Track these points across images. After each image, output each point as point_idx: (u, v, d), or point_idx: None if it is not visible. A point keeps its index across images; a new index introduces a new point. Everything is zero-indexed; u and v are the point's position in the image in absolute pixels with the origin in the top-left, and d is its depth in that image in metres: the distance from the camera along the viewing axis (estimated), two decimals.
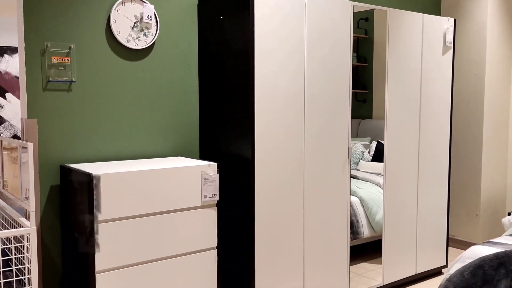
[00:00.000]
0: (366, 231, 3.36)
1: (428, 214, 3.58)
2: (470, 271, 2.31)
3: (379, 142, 3.75)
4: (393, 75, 3.28)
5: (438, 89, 3.59)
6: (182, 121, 2.93)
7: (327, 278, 2.98)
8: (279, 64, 2.67)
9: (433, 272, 3.69)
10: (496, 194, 4.43)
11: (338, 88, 2.97)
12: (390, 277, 3.36)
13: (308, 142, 2.84)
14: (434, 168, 3.61)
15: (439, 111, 3.62)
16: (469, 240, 4.35)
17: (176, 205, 2.38)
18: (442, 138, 3.66)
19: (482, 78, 4.24)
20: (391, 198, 3.33)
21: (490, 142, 4.34)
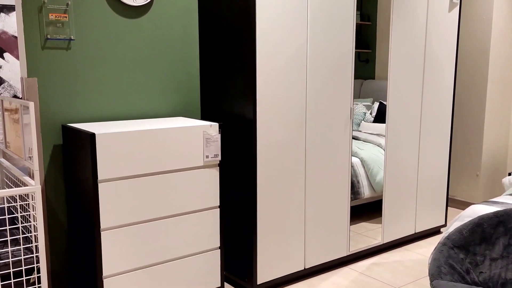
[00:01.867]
0: (367, 192, 3.39)
1: (428, 175, 3.60)
2: (469, 229, 2.34)
3: (382, 103, 3.73)
4: (398, 34, 3.22)
5: (443, 47, 3.53)
6: (183, 81, 2.90)
7: (327, 238, 3.03)
8: (281, 23, 2.61)
9: (432, 231, 3.75)
10: (497, 154, 4.44)
11: (341, 47, 2.92)
12: (390, 236, 3.41)
13: (310, 102, 2.82)
14: (436, 129, 3.61)
15: (443, 70, 3.57)
16: (469, 201, 4.40)
17: (178, 165, 2.39)
18: (445, 98, 3.63)
19: (488, 35, 4.16)
20: (392, 159, 3.34)
21: (494, 102, 4.31)
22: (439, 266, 2.22)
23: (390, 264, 3.21)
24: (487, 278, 2.24)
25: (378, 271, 3.09)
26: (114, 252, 2.25)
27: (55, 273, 2.57)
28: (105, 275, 2.24)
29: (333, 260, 3.09)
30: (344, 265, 3.18)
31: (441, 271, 2.19)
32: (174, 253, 2.45)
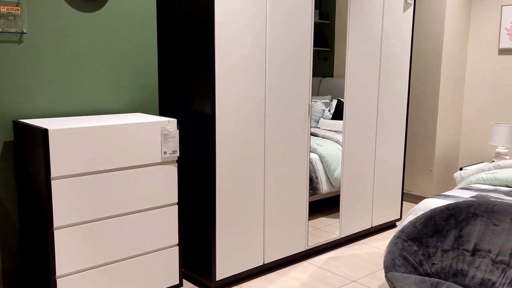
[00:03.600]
0: (325, 187, 3.44)
1: (384, 170, 3.70)
2: (422, 222, 2.41)
3: (340, 100, 3.79)
4: (355, 33, 3.29)
5: (398, 46, 3.63)
6: (141, 76, 2.86)
7: (286, 233, 3.06)
8: (239, 20, 2.61)
9: (388, 225, 3.86)
10: (449, 150, 4.61)
11: (300, 45, 2.95)
12: (347, 231, 3.48)
13: (269, 99, 2.83)
14: (391, 126, 3.70)
15: (398, 68, 3.67)
16: (423, 195, 4.54)
17: (135, 161, 2.35)
18: (400, 95, 3.73)
19: (441, 35, 4.31)
20: (349, 155, 3.41)
21: (446, 100, 4.47)
22: (393, 259, 2.28)
23: (348, 258, 3.27)
24: (439, 269, 2.32)
25: (336, 265, 3.15)
26: (68, 251, 2.20)
27: (6, 272, 2.47)
28: (59, 274, 2.18)
29: (292, 255, 3.12)
30: (302, 260, 3.22)
31: (396, 263, 2.25)
32: (131, 251, 2.41)
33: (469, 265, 2.28)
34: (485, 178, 3.12)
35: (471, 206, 2.40)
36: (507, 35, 4.24)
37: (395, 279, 2.12)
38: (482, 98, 4.51)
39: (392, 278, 2.13)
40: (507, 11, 4.22)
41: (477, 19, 4.47)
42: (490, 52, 4.40)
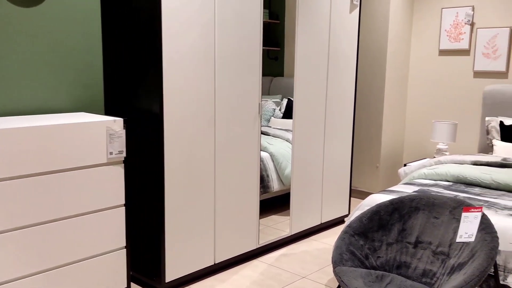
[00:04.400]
0: (276, 185, 3.46)
1: (333, 167, 3.78)
2: (368, 217, 2.48)
3: (290, 99, 3.83)
4: (303, 33, 3.33)
5: (345, 46, 3.72)
6: (84, 74, 2.77)
7: (237, 232, 3.07)
8: (188, 18, 2.58)
9: (337, 221, 3.94)
10: (394, 147, 4.77)
11: (249, 44, 2.96)
12: (298, 227, 3.53)
13: (219, 98, 2.82)
14: (339, 123, 3.79)
15: (346, 68, 3.76)
16: (370, 191, 4.68)
17: (80, 162, 2.28)
18: (348, 94, 3.82)
19: (385, 36, 4.45)
20: (299, 153, 3.45)
21: (391, 98, 4.62)
22: (341, 254, 2.33)
23: (298, 255, 3.32)
24: (384, 262, 2.39)
25: (287, 262, 3.19)
26: (7, 258, 2.09)
27: None
28: None
29: (243, 253, 3.13)
30: (254, 258, 3.23)
31: (343, 258, 2.30)
32: (76, 255, 2.33)
33: (412, 257, 2.36)
34: (426, 173, 3.25)
35: (413, 200, 2.49)
36: (447, 36, 4.44)
37: (342, 273, 2.17)
38: (424, 97, 4.69)
39: (339, 273, 2.18)
40: (446, 13, 4.42)
41: (419, 21, 4.65)
42: (431, 52, 4.59)
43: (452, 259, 2.19)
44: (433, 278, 2.21)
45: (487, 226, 2.12)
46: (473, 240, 2.12)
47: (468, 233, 2.17)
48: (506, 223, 2.34)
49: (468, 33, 4.30)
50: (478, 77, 4.31)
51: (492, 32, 4.15)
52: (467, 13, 4.27)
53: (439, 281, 2.17)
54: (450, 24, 4.40)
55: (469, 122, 4.41)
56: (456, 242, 2.22)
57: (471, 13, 4.25)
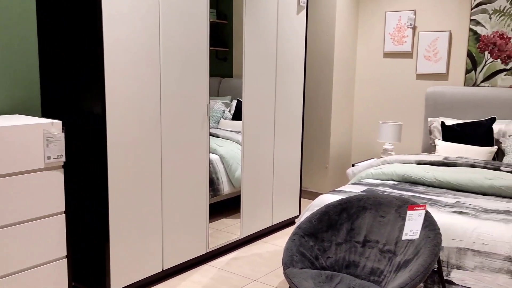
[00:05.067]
0: (226, 188, 3.42)
1: (283, 169, 3.78)
2: (317, 218, 2.49)
3: (239, 100, 3.80)
4: (251, 33, 3.31)
5: (293, 47, 3.73)
6: (19, 73, 2.61)
7: (186, 237, 3.00)
8: (131, 19, 2.50)
9: (288, 222, 3.95)
10: (343, 148, 4.85)
11: (196, 44, 2.90)
12: (248, 230, 3.50)
13: (165, 99, 2.75)
14: (289, 125, 3.80)
15: (294, 69, 3.78)
16: (319, 191, 4.73)
17: (14, 168, 2.14)
18: (296, 95, 3.84)
19: (332, 38, 4.52)
20: (249, 155, 3.43)
21: (339, 99, 4.69)
22: (291, 255, 2.32)
23: (249, 258, 3.29)
24: (334, 262, 2.41)
25: (237, 265, 3.15)
26: None
27: None
28: None
29: (192, 258, 3.06)
30: (204, 263, 3.17)
31: (293, 259, 2.29)
32: (13, 266, 2.18)
33: (360, 256, 2.39)
34: (373, 173, 3.31)
35: (361, 200, 2.52)
36: (391, 39, 4.56)
37: (292, 275, 2.16)
38: (370, 98, 4.80)
39: (290, 274, 2.17)
40: (390, 17, 4.55)
41: (364, 24, 4.76)
42: (376, 55, 4.71)
43: (398, 257, 2.23)
44: (381, 276, 2.24)
45: (431, 224, 2.18)
46: (418, 237, 2.17)
47: (413, 231, 2.22)
48: (448, 220, 2.41)
49: (410, 36, 4.44)
50: (421, 79, 4.45)
51: (433, 36, 4.31)
52: (409, 17, 4.41)
53: (386, 278, 2.20)
54: (394, 27, 4.53)
55: (413, 123, 4.56)
56: (402, 240, 2.26)
57: (413, 17, 4.39)
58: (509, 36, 3.92)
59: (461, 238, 2.31)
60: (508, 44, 3.94)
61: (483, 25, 4.04)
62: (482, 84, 4.10)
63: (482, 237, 2.27)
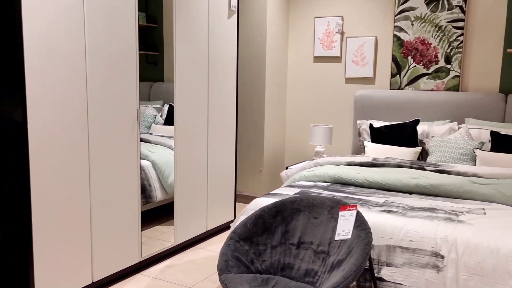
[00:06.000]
0: (159, 195, 3.33)
1: (217, 173, 3.75)
2: (252, 221, 2.48)
3: (171, 105, 3.72)
4: (182, 37, 3.26)
5: (225, 51, 3.71)
6: None
7: (117, 246, 2.87)
8: (55, 19, 2.36)
9: (223, 227, 3.91)
10: (276, 151, 4.90)
11: (124, 48, 2.80)
12: (183, 237, 3.43)
13: (92, 104, 2.62)
14: (222, 129, 3.77)
15: (226, 73, 3.76)
16: (254, 195, 4.73)
17: None
18: (229, 99, 3.82)
19: (264, 42, 4.55)
20: (182, 160, 3.36)
21: (272, 103, 4.73)
22: (226, 260, 2.29)
23: (183, 265, 3.22)
24: (269, 265, 2.40)
25: (172, 273, 3.07)
26: None
27: None
28: None
29: (124, 268, 2.94)
30: (137, 272, 3.06)
31: (229, 265, 2.26)
32: None
33: (295, 258, 2.40)
34: (306, 175, 3.36)
35: (294, 202, 2.54)
36: (320, 44, 4.68)
37: (228, 280, 2.13)
38: (302, 102, 4.89)
39: (225, 280, 2.13)
40: (319, 22, 4.66)
41: (294, 29, 4.84)
42: (307, 59, 4.81)
43: (331, 257, 2.27)
44: (315, 276, 2.27)
45: (362, 223, 2.24)
46: (350, 237, 2.22)
47: (345, 231, 2.27)
48: (378, 219, 2.49)
49: (339, 41, 4.57)
50: (349, 83, 4.60)
51: (360, 41, 4.47)
52: (337, 23, 4.54)
53: (320, 279, 2.23)
54: (323, 32, 4.64)
55: (343, 125, 4.69)
56: (335, 240, 2.30)
57: (340, 22, 4.53)
58: (430, 42, 4.15)
59: (390, 236, 2.39)
60: (429, 49, 4.17)
61: (406, 31, 4.25)
62: (406, 87, 4.30)
63: (409, 234, 2.36)
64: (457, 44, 4.05)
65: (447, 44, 4.09)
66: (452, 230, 2.32)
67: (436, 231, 2.33)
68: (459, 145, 3.58)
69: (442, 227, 2.35)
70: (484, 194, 2.81)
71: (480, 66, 4.01)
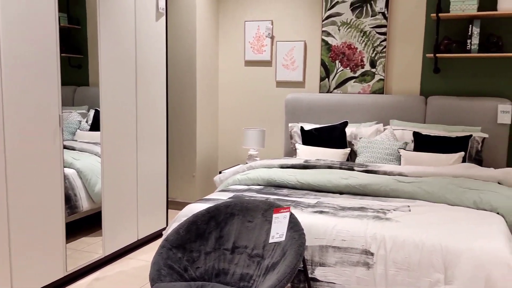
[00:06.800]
0: (86, 204, 3.17)
1: (148, 180, 3.63)
2: (184, 228, 2.41)
3: (97, 110, 3.56)
4: (107, 39, 3.12)
5: (153, 54, 3.61)
6: None
7: (40, 260, 2.69)
8: None
9: (155, 235, 3.80)
10: (209, 155, 4.84)
11: (44, 50, 2.64)
12: (112, 247, 3.28)
13: (8, 110, 2.44)
14: (152, 134, 3.66)
15: (155, 76, 3.65)
16: (188, 201, 4.65)
17: None
18: (159, 103, 3.72)
19: (194, 46, 4.49)
20: (109, 167, 3.22)
21: (203, 107, 4.68)
22: (158, 269, 2.21)
23: (113, 276, 3.07)
24: (203, 272, 2.35)
25: (100, 286, 2.92)
26: None
27: None
28: None
29: (48, 284, 2.76)
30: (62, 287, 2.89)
31: (161, 274, 2.18)
32: None
33: (230, 263, 2.37)
34: (240, 179, 3.34)
35: (228, 207, 2.51)
36: (251, 48, 4.70)
37: None
38: (234, 106, 4.88)
39: None
40: (249, 26, 4.68)
41: (225, 33, 4.83)
42: (238, 63, 4.81)
43: (266, 260, 2.26)
44: (250, 281, 2.25)
45: (295, 225, 2.24)
46: (284, 239, 2.22)
47: (279, 233, 2.26)
48: (310, 219, 2.51)
49: (269, 45, 4.61)
50: (280, 87, 4.65)
51: (290, 45, 4.53)
52: (267, 27, 4.58)
53: (255, 283, 2.21)
54: (253, 36, 4.66)
55: (276, 128, 4.73)
56: (269, 243, 2.30)
57: (270, 26, 4.57)
58: (356, 46, 4.30)
59: (322, 236, 2.43)
60: (356, 53, 4.31)
61: (333, 36, 4.37)
62: (335, 91, 4.42)
63: (341, 234, 2.40)
64: (381, 49, 4.22)
65: (372, 49, 4.25)
66: (380, 228, 2.39)
67: (365, 229, 2.39)
68: (385, 145, 3.72)
69: (371, 225, 2.42)
70: (409, 192, 2.93)
71: (402, 70, 4.20)
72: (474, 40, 3.76)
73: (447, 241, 2.25)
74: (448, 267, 2.20)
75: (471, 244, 2.22)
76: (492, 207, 2.69)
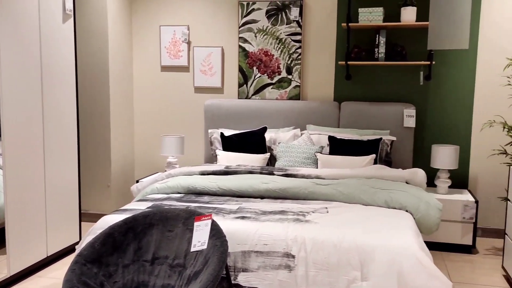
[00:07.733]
0: None
1: (58, 191, 3.40)
2: (100, 241, 2.29)
3: None
4: (7, 41, 2.88)
5: (61, 59, 3.40)
6: None
7: None
8: None
9: (67, 251, 3.57)
10: (125, 164, 4.66)
11: None
12: (18, 266, 3.02)
13: None
14: (62, 144, 3.44)
15: (64, 82, 3.44)
16: (103, 212, 4.43)
17: None
18: (68, 110, 3.51)
19: (106, 50, 4.30)
20: (13, 181, 2.97)
21: (118, 114, 4.49)
22: (72, 287, 2.07)
23: None
24: (121, 286, 2.24)
25: None
26: None
27: None
28: None
29: None
30: None
31: None
32: None
33: (150, 275, 2.28)
34: (159, 187, 3.24)
35: (147, 217, 2.41)
36: (167, 53, 4.60)
37: None
38: (151, 112, 4.75)
39: None
40: (164, 31, 4.58)
41: (139, 37, 4.68)
42: (154, 68, 4.68)
43: (188, 270, 2.20)
44: None
45: (217, 232, 2.21)
46: (206, 247, 2.18)
47: (200, 241, 2.22)
48: (232, 226, 2.49)
49: (186, 50, 4.55)
50: (199, 92, 4.60)
51: (207, 51, 4.50)
52: (183, 32, 4.52)
53: None
54: (169, 41, 4.58)
55: (195, 135, 4.67)
56: (191, 252, 2.24)
57: (187, 32, 4.51)
58: (273, 53, 4.37)
59: (245, 241, 2.41)
60: (272, 60, 4.38)
61: (250, 43, 4.41)
62: (253, 97, 4.46)
63: (263, 238, 2.41)
64: (296, 56, 4.33)
65: (288, 56, 4.35)
66: (300, 230, 2.43)
67: (286, 232, 2.42)
68: (303, 149, 3.81)
69: (292, 228, 2.45)
70: (326, 194, 3.02)
71: (317, 76, 4.34)
72: (381, 49, 3.98)
73: (362, 239, 2.34)
74: (364, 265, 2.29)
75: (384, 241, 2.33)
76: (401, 205, 2.86)
